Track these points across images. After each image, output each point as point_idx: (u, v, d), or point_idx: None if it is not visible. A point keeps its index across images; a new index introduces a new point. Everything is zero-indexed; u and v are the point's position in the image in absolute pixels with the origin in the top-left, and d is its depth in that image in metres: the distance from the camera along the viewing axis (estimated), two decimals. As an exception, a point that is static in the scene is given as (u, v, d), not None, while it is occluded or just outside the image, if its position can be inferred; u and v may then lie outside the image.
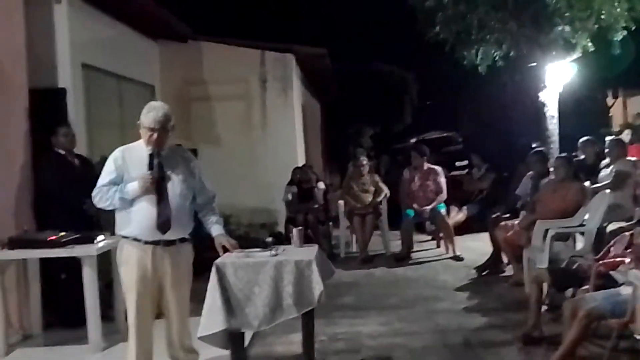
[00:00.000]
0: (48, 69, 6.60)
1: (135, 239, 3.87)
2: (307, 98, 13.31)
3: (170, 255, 3.90)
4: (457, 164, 12.88)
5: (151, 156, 3.84)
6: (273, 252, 4.19)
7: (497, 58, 10.45)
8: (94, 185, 5.73)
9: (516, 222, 6.89)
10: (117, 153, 3.97)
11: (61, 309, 5.80)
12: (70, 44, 6.83)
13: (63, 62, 6.76)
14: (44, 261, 5.53)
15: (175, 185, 3.91)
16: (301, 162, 10.62)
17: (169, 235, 3.88)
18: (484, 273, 7.57)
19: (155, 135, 3.82)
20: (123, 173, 3.89)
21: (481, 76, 11.53)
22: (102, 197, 3.90)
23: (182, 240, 3.97)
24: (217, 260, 4.07)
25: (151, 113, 3.84)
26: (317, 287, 4.02)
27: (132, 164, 3.90)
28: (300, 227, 4.79)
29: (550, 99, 11.31)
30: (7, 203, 5.58)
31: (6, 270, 5.31)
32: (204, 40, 10.26)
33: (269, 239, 4.48)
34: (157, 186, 3.84)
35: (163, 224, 3.84)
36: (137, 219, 3.86)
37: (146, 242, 3.86)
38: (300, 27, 17.54)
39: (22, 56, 6.01)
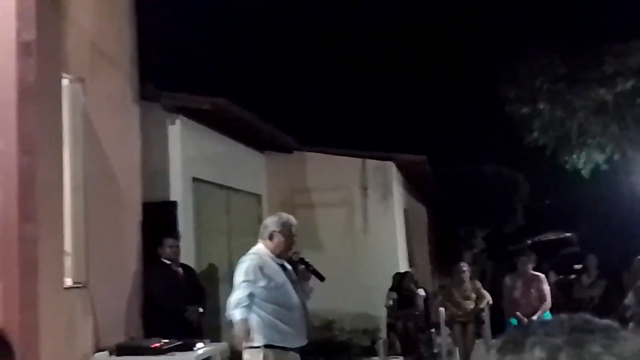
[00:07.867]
0: (161, 183, 7.18)
1: (283, 348, 3.85)
2: (410, 202, 13.42)
3: None
4: (576, 266, 12.33)
5: (304, 261, 4.04)
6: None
7: (600, 162, 10.19)
8: (196, 293, 6.04)
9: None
10: (254, 262, 3.97)
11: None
12: (182, 160, 7.42)
13: (175, 177, 7.34)
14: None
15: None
16: (403, 266, 10.61)
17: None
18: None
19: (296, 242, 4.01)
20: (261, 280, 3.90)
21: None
22: (245, 305, 3.84)
23: None
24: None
25: (293, 223, 4.03)
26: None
27: (270, 271, 3.95)
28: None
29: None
30: (118, 311, 5.96)
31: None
32: (308, 151, 10.73)
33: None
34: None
35: (309, 329, 3.96)
36: (288, 325, 3.86)
37: (292, 349, 3.87)
38: (403, 133, 17.94)
39: (137, 172, 6.53)
